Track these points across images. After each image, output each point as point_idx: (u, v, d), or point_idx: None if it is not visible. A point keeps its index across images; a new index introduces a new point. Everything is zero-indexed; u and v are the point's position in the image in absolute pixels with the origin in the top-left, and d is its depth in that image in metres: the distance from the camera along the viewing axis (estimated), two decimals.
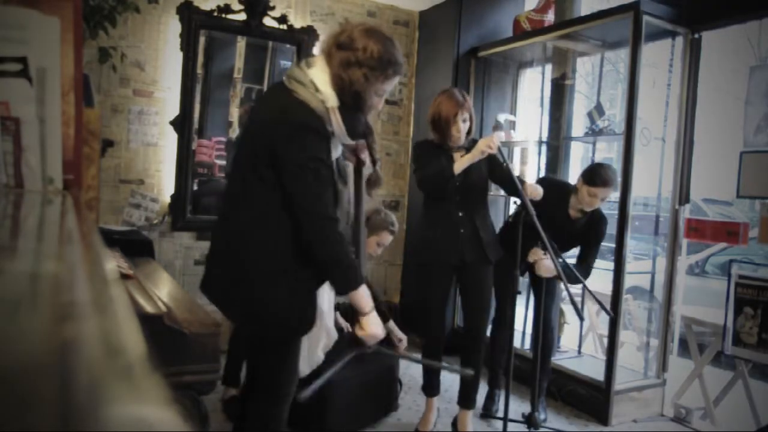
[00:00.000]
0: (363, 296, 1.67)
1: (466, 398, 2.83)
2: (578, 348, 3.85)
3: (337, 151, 1.72)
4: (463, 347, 2.84)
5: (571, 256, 3.03)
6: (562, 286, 2.68)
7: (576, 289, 4.18)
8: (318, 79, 1.61)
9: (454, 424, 2.91)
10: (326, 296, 1.82)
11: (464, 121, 2.60)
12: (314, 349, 1.89)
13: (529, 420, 2.81)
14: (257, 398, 1.77)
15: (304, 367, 1.87)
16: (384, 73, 1.63)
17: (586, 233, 2.90)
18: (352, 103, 1.63)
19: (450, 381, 3.65)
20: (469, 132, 2.66)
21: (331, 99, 1.60)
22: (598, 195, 2.75)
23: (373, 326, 1.72)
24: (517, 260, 2.52)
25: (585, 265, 2.91)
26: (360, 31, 1.63)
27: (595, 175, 2.76)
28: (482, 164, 2.61)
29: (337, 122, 1.60)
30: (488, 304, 2.81)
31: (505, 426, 2.58)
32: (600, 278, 3.94)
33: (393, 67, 1.64)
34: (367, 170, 1.87)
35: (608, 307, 3.17)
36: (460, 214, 2.65)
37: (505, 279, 2.73)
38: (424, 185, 2.72)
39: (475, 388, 2.84)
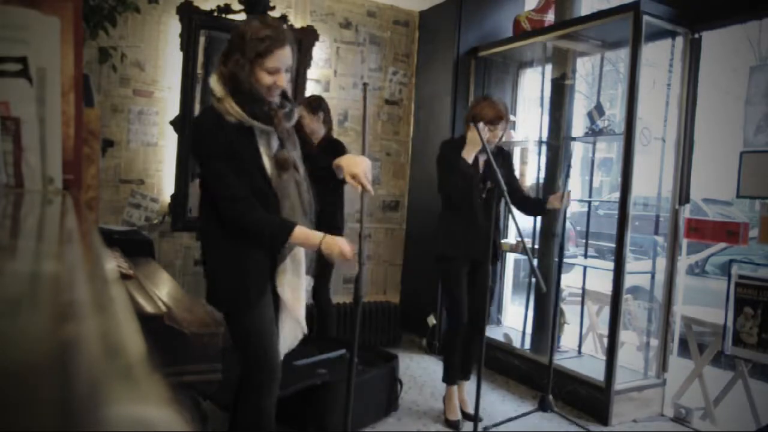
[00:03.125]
0: (303, 237, 1.80)
1: (464, 370, 3.11)
2: (578, 348, 3.85)
3: (270, 143, 1.87)
4: (469, 333, 3.03)
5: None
6: (563, 286, 2.70)
7: (576, 289, 4.19)
8: (212, 83, 1.82)
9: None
10: (288, 286, 1.89)
11: (502, 129, 2.86)
12: (283, 340, 1.95)
13: (542, 403, 2.93)
14: (240, 387, 1.93)
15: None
16: (256, 50, 1.75)
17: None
18: (237, 86, 1.77)
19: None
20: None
21: (218, 91, 1.79)
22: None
23: (332, 246, 1.80)
24: (489, 252, 2.53)
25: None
26: (232, 31, 1.83)
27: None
28: (503, 170, 2.83)
29: (232, 108, 1.76)
30: (487, 301, 2.98)
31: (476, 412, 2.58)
32: (600, 278, 3.94)
33: (261, 43, 1.75)
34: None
35: (607, 306, 3.18)
36: (480, 216, 2.81)
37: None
38: (451, 191, 2.86)
39: (472, 362, 3.09)
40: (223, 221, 1.82)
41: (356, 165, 1.87)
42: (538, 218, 3.67)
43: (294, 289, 1.92)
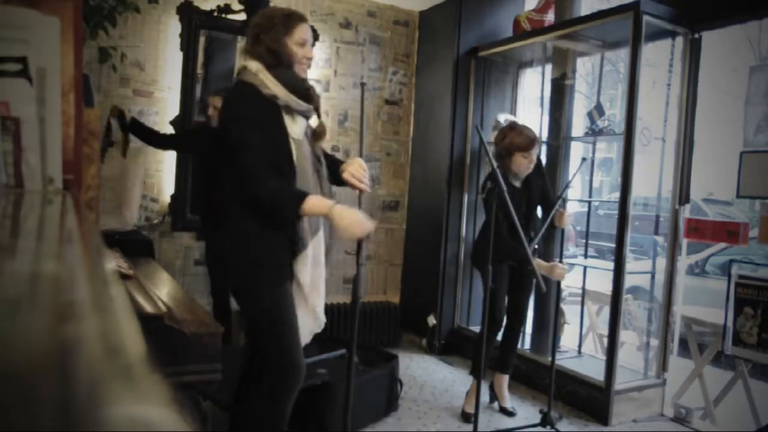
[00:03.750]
0: (313, 206, 1.76)
1: (503, 364, 3.21)
2: (578, 348, 3.85)
3: (298, 126, 1.88)
4: (509, 326, 3.19)
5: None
6: (564, 285, 2.69)
7: (576, 289, 4.19)
8: (244, 61, 1.89)
9: (492, 387, 3.27)
10: (308, 273, 1.89)
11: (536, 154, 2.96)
12: (301, 333, 1.92)
13: (545, 418, 2.86)
14: (258, 385, 1.88)
15: None
16: (285, 25, 1.85)
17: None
18: (275, 60, 1.85)
19: (451, 382, 3.65)
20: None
21: (253, 65, 1.85)
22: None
23: (345, 216, 1.76)
24: (488, 254, 2.51)
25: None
26: (252, 21, 1.93)
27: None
28: (540, 181, 3.05)
29: (271, 81, 1.82)
30: (529, 297, 3.24)
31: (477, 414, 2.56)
32: (600, 278, 3.94)
33: (288, 18, 1.86)
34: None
35: (607, 306, 3.18)
36: (522, 222, 2.85)
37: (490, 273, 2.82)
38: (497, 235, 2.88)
39: (511, 356, 3.22)
40: (251, 206, 1.82)
41: (346, 166, 1.94)
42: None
43: (314, 278, 1.92)
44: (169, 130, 3.73)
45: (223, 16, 3.78)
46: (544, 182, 3.12)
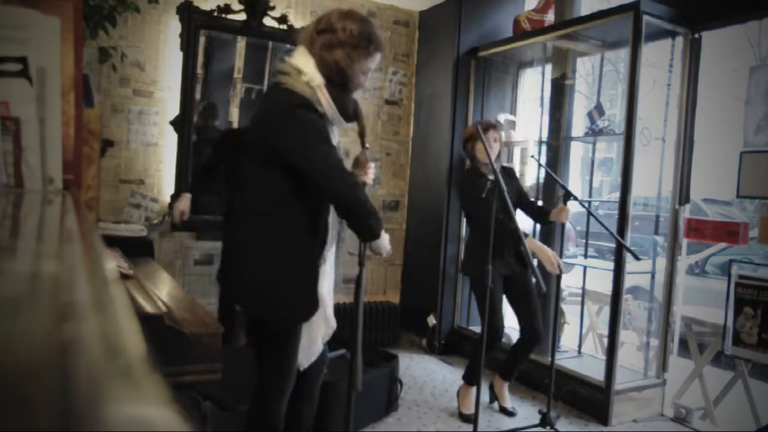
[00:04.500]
0: (383, 240, 1.80)
1: (508, 370, 3.18)
2: (578, 348, 3.85)
3: (334, 138, 1.79)
4: (524, 339, 3.10)
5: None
6: (564, 285, 2.68)
7: (576, 289, 4.19)
8: (301, 64, 1.68)
9: (492, 387, 3.26)
10: (326, 283, 1.87)
11: (495, 140, 2.99)
12: (314, 339, 1.90)
13: (544, 419, 2.85)
14: (258, 387, 1.85)
15: (303, 360, 1.87)
16: (366, 50, 1.72)
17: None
18: (339, 81, 1.70)
19: (450, 382, 3.65)
20: (498, 155, 3.09)
21: (315, 78, 1.67)
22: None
23: (386, 239, 1.83)
24: (488, 253, 2.50)
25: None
26: (337, 14, 1.72)
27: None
28: (513, 187, 3.05)
29: (326, 100, 1.68)
30: (537, 306, 3.08)
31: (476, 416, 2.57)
32: (600, 278, 3.94)
33: (374, 44, 1.73)
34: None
35: (607, 306, 3.18)
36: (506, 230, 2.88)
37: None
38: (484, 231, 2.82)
39: (518, 366, 3.17)
40: (287, 227, 1.71)
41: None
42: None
43: (329, 287, 1.91)
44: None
45: (223, 16, 3.78)
46: (517, 182, 3.18)
